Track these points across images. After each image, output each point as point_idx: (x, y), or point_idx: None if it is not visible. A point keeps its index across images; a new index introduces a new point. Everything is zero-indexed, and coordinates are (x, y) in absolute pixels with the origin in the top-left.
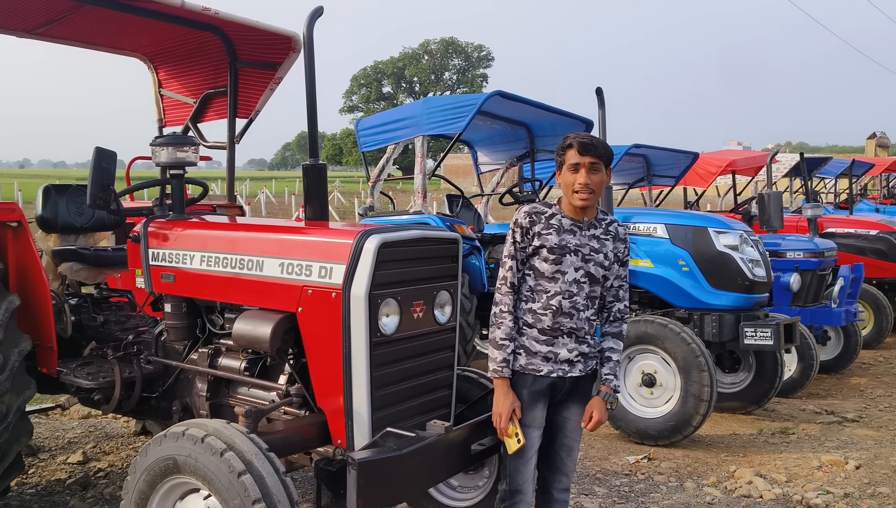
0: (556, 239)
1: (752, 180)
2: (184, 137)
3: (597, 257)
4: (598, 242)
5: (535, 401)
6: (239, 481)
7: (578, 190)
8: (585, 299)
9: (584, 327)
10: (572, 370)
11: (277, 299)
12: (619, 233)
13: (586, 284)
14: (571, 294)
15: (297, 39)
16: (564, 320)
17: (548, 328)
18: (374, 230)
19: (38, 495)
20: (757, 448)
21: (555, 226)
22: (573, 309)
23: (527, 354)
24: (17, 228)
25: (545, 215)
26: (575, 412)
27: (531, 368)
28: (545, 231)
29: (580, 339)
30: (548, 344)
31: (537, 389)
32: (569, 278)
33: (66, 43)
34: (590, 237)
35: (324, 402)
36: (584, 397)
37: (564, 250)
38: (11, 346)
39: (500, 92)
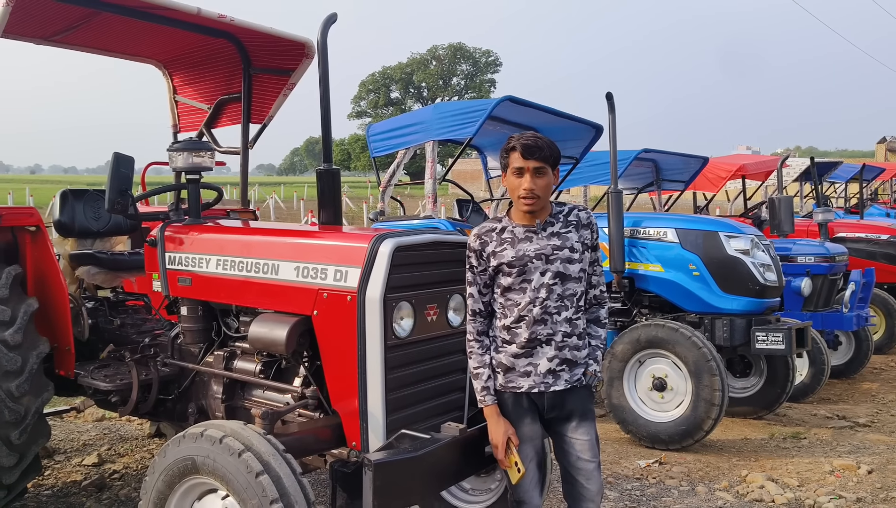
0: (513, 251)
1: (762, 185)
2: (200, 143)
3: (561, 253)
4: (558, 238)
5: (520, 417)
6: (257, 481)
7: (523, 196)
8: (558, 301)
9: (562, 330)
10: (556, 382)
11: (293, 302)
12: (581, 219)
13: (557, 285)
14: (541, 300)
15: (311, 46)
16: (539, 328)
17: (525, 340)
18: (389, 234)
19: (55, 496)
20: (768, 452)
21: (508, 239)
22: (545, 314)
23: (504, 371)
24: (35, 232)
25: (496, 232)
26: (579, 431)
27: (511, 386)
28: (499, 249)
29: (559, 345)
30: (526, 356)
31: (519, 405)
32: (535, 284)
33: (82, 49)
34: (548, 237)
35: (338, 404)
36: (583, 412)
37: (524, 260)
38: (30, 349)
39: (510, 97)
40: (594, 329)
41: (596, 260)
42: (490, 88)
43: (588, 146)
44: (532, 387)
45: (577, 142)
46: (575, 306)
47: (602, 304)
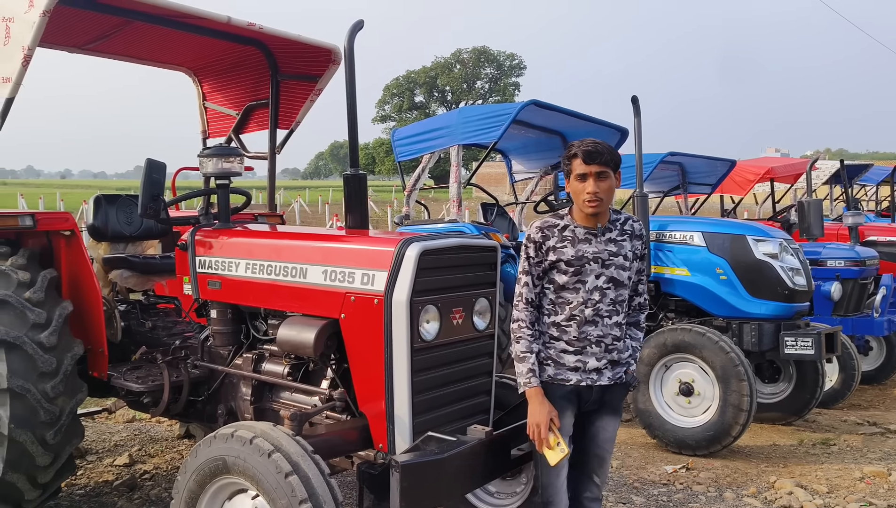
0: (573, 250)
1: (791, 188)
2: (230, 148)
3: (616, 260)
4: (615, 245)
5: (562, 410)
6: (286, 481)
7: (588, 199)
8: (610, 305)
9: (612, 333)
10: (600, 378)
11: (320, 305)
12: (634, 230)
13: (610, 289)
14: (594, 302)
15: (338, 52)
16: (590, 328)
17: (574, 338)
18: (415, 238)
19: (87, 496)
20: (797, 458)
21: (569, 238)
22: (597, 316)
23: (555, 365)
24: (69, 236)
25: (558, 228)
26: (608, 422)
27: (560, 378)
28: (559, 244)
29: (608, 347)
30: (576, 354)
31: (564, 397)
32: (590, 286)
33: (115, 58)
34: (606, 242)
35: (365, 406)
36: (615, 407)
37: (583, 261)
38: (65, 350)
39: (534, 101)
40: (634, 332)
41: (643, 269)
42: (514, 92)
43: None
44: (580, 381)
45: None
46: (624, 311)
47: (643, 310)
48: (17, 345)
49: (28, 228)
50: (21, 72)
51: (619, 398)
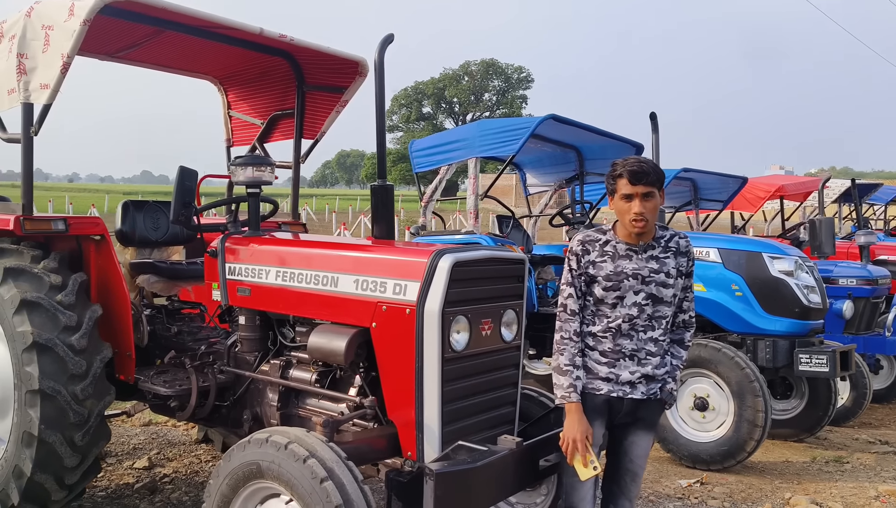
0: (612, 266)
1: (801, 206)
2: (262, 158)
3: (657, 277)
4: (657, 262)
5: (592, 420)
6: (321, 487)
7: (634, 219)
8: (647, 320)
9: (646, 347)
10: (633, 391)
11: (351, 314)
12: (680, 247)
13: (648, 305)
14: (631, 317)
15: (364, 64)
16: (625, 341)
17: (608, 350)
18: (447, 250)
19: (109, 498)
20: (811, 475)
21: (609, 253)
22: (632, 330)
23: (588, 374)
24: (99, 241)
25: (599, 243)
26: (641, 438)
27: (591, 387)
28: (599, 259)
29: (642, 361)
30: (609, 366)
31: (594, 407)
32: (628, 302)
33: (143, 65)
34: (647, 259)
35: (395, 414)
36: (650, 422)
37: (621, 277)
38: (94, 353)
39: (553, 116)
40: (677, 350)
41: (689, 286)
42: (521, 105)
43: None
44: (611, 392)
45: None
46: (663, 327)
47: (689, 328)
48: (48, 347)
49: (60, 232)
50: (59, 79)
51: (654, 415)
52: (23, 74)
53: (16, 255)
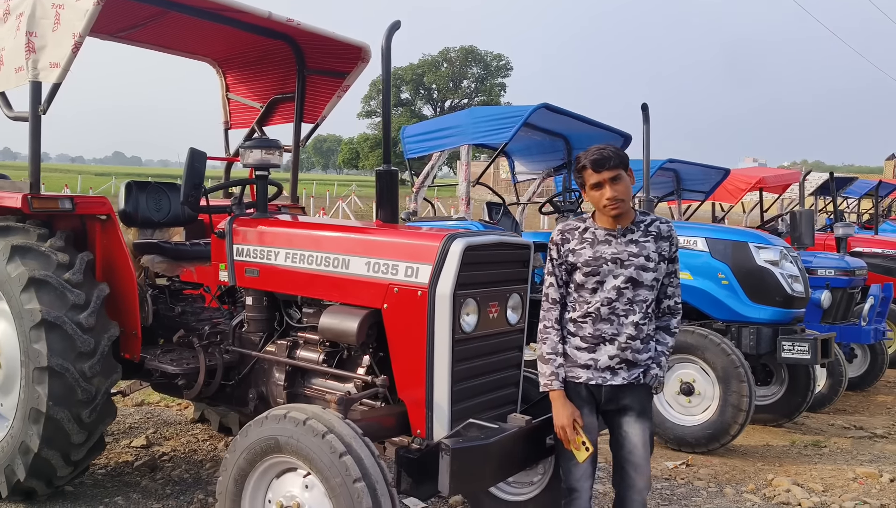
0: (591, 252)
1: (779, 198)
2: (271, 141)
3: (636, 260)
4: (636, 246)
5: (578, 407)
6: (340, 461)
7: (608, 205)
8: (627, 304)
9: (626, 331)
10: (614, 377)
11: (363, 295)
12: (661, 231)
13: (628, 289)
14: (610, 300)
15: (367, 50)
16: (604, 326)
17: (588, 335)
18: (459, 234)
19: (109, 475)
20: (791, 458)
21: (589, 239)
22: (612, 315)
23: (567, 362)
24: (105, 221)
25: (578, 231)
26: (634, 427)
27: (570, 376)
28: (579, 247)
29: (622, 346)
30: (589, 352)
31: (577, 394)
32: (608, 286)
33: (142, 46)
34: (626, 243)
35: (405, 393)
36: (639, 410)
37: (600, 261)
38: (102, 332)
39: (545, 105)
40: (662, 336)
41: (674, 272)
42: (500, 92)
43: None
44: (590, 379)
45: None
46: (643, 311)
47: (675, 314)
48: (57, 325)
49: (67, 211)
50: (70, 58)
51: (640, 401)
52: (31, 52)
53: (22, 233)
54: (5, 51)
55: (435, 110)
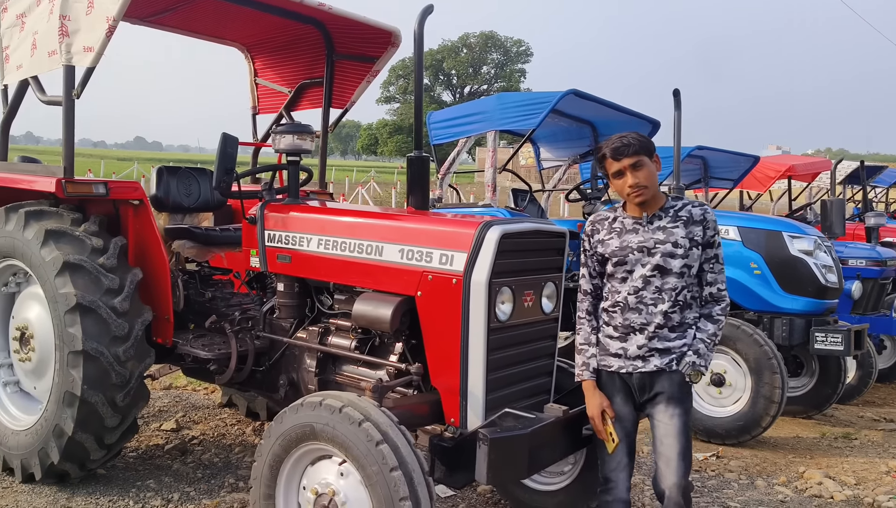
0: (618, 242)
1: (808, 187)
2: (303, 126)
3: (663, 247)
4: (664, 232)
5: (610, 396)
6: (377, 449)
7: (631, 193)
8: (655, 293)
9: (655, 321)
10: (646, 365)
11: (396, 282)
12: (693, 215)
13: (655, 277)
14: (637, 289)
15: (398, 34)
16: (633, 315)
17: (619, 324)
18: (494, 221)
19: (141, 458)
20: (822, 451)
21: (617, 229)
22: (640, 304)
23: (601, 352)
24: (138, 206)
25: (608, 221)
26: (666, 415)
27: (603, 364)
28: (607, 237)
29: (651, 335)
30: (620, 341)
31: (610, 383)
32: (636, 275)
33: (172, 30)
34: (654, 230)
35: (438, 381)
36: (670, 397)
37: (626, 251)
38: (135, 316)
39: (574, 91)
40: (704, 324)
41: (715, 257)
42: (520, 78)
43: None
44: (621, 368)
45: None
46: (673, 299)
47: (718, 302)
48: (91, 309)
49: (101, 196)
50: (104, 42)
51: (673, 388)
52: (65, 36)
53: (56, 217)
54: (39, 34)
55: (454, 96)
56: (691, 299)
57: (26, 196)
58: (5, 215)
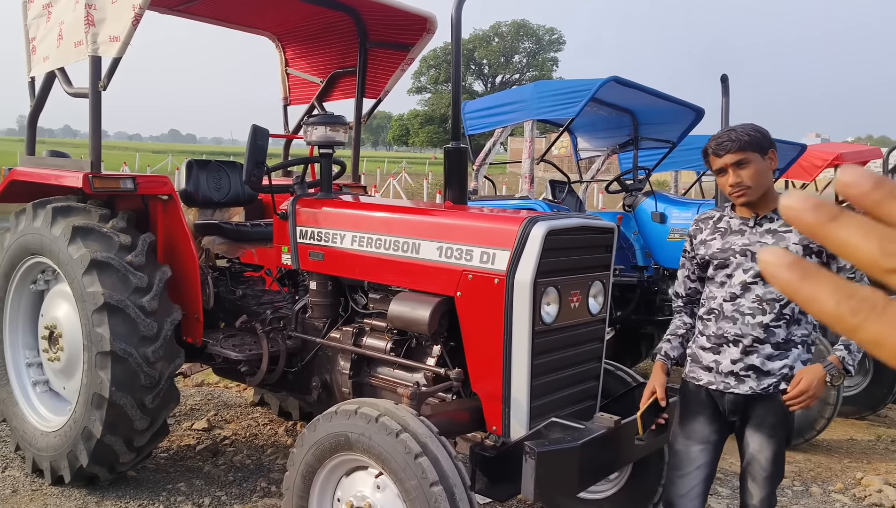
0: (720, 243)
1: None
2: (336, 117)
3: None
4: (773, 236)
5: (695, 413)
6: (416, 462)
7: (732, 192)
8: (755, 303)
9: (752, 333)
10: (739, 385)
11: (434, 282)
12: None
13: (757, 285)
14: (734, 296)
15: (433, 20)
16: (727, 325)
17: (712, 334)
18: (539, 217)
19: (172, 459)
20: (879, 455)
21: (721, 229)
22: (736, 313)
23: (692, 362)
24: (167, 201)
25: (713, 220)
26: (755, 441)
27: (692, 376)
28: (710, 237)
29: (748, 349)
30: (713, 352)
31: (696, 398)
32: (735, 281)
33: (202, 20)
34: (762, 234)
35: (479, 387)
36: (765, 425)
37: (728, 253)
38: (164, 315)
39: (615, 78)
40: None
41: (843, 268)
42: (552, 67)
43: (687, 130)
44: (711, 383)
45: (675, 125)
46: (777, 312)
47: None
48: (119, 308)
49: (129, 191)
50: (130, 31)
51: (770, 416)
52: (91, 25)
53: (84, 214)
54: (65, 25)
55: (486, 86)
56: (800, 313)
57: (54, 191)
58: (33, 211)
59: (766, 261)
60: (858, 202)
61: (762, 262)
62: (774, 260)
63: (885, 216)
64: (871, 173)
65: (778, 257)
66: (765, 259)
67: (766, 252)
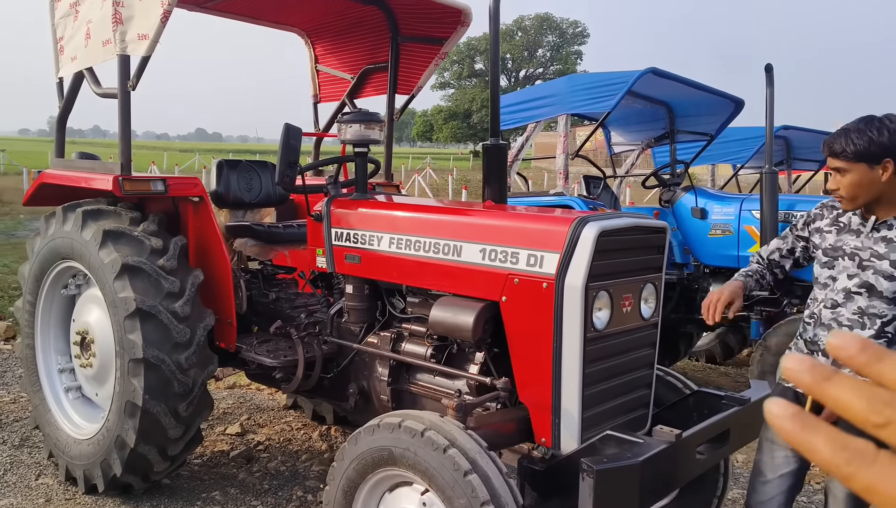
0: (833, 239)
1: None
2: (371, 114)
3: (879, 263)
4: (887, 245)
5: None
6: (465, 480)
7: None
8: (856, 315)
9: None
10: None
11: (477, 286)
12: None
13: (861, 296)
14: (835, 304)
15: (468, 12)
16: (823, 333)
17: (808, 340)
18: (590, 217)
19: (206, 466)
20: None
21: (841, 224)
22: (834, 322)
23: None
24: (198, 203)
25: (837, 210)
26: None
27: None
28: (827, 228)
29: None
30: None
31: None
32: (838, 285)
33: (230, 17)
34: (876, 240)
35: (527, 396)
36: None
37: (838, 253)
38: (197, 321)
39: (653, 69)
40: None
41: None
42: (577, 60)
43: (726, 122)
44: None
45: (713, 117)
46: (878, 329)
47: None
48: (152, 314)
49: (160, 193)
50: (159, 29)
51: None
52: (119, 24)
53: (114, 217)
54: (92, 24)
55: (510, 81)
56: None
57: (84, 194)
58: (63, 214)
59: (771, 412)
60: (847, 364)
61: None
62: (779, 412)
63: (871, 376)
64: (858, 337)
65: (782, 408)
66: (770, 409)
67: (774, 404)
